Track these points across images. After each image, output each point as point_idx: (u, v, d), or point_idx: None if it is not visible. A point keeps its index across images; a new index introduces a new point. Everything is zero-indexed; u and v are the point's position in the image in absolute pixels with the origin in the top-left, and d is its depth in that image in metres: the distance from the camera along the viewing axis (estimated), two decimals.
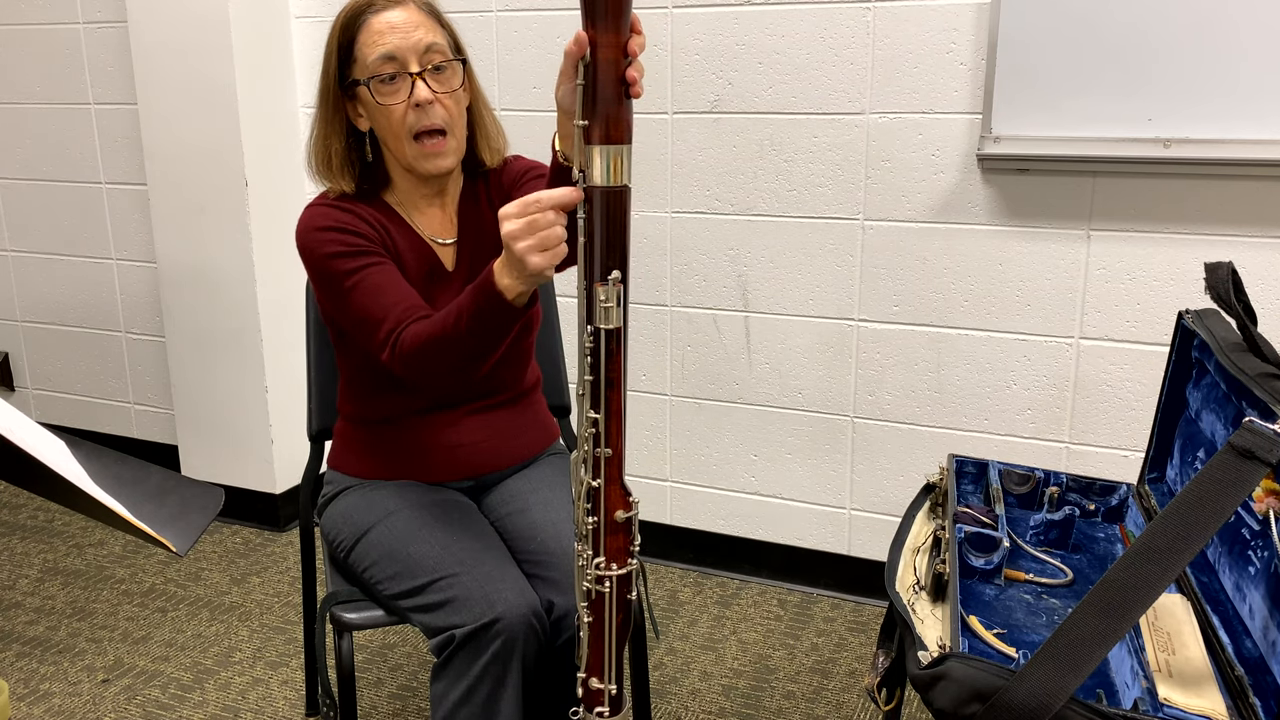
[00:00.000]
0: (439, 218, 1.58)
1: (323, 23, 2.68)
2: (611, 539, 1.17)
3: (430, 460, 1.59)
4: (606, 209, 1.08)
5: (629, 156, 1.09)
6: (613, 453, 1.15)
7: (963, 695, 1.02)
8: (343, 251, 1.45)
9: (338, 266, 1.45)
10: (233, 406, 2.81)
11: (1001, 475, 1.59)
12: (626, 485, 1.17)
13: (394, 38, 1.42)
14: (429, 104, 1.44)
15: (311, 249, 1.47)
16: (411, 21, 1.44)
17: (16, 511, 3.03)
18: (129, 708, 2.09)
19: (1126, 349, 2.14)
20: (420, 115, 1.44)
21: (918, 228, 2.24)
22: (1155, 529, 0.99)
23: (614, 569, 1.17)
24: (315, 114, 1.53)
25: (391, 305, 1.41)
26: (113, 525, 0.95)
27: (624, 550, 1.17)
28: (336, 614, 1.50)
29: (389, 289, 1.43)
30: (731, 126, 2.35)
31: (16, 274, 3.21)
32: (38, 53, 2.97)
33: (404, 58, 1.43)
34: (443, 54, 1.46)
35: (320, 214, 1.49)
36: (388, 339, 1.39)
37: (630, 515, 1.17)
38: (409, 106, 1.44)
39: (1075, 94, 2.00)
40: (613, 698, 1.21)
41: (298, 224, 1.50)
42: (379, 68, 1.43)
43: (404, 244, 1.52)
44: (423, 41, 1.43)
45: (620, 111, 1.07)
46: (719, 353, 2.48)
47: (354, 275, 1.44)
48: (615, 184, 1.08)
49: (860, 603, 2.47)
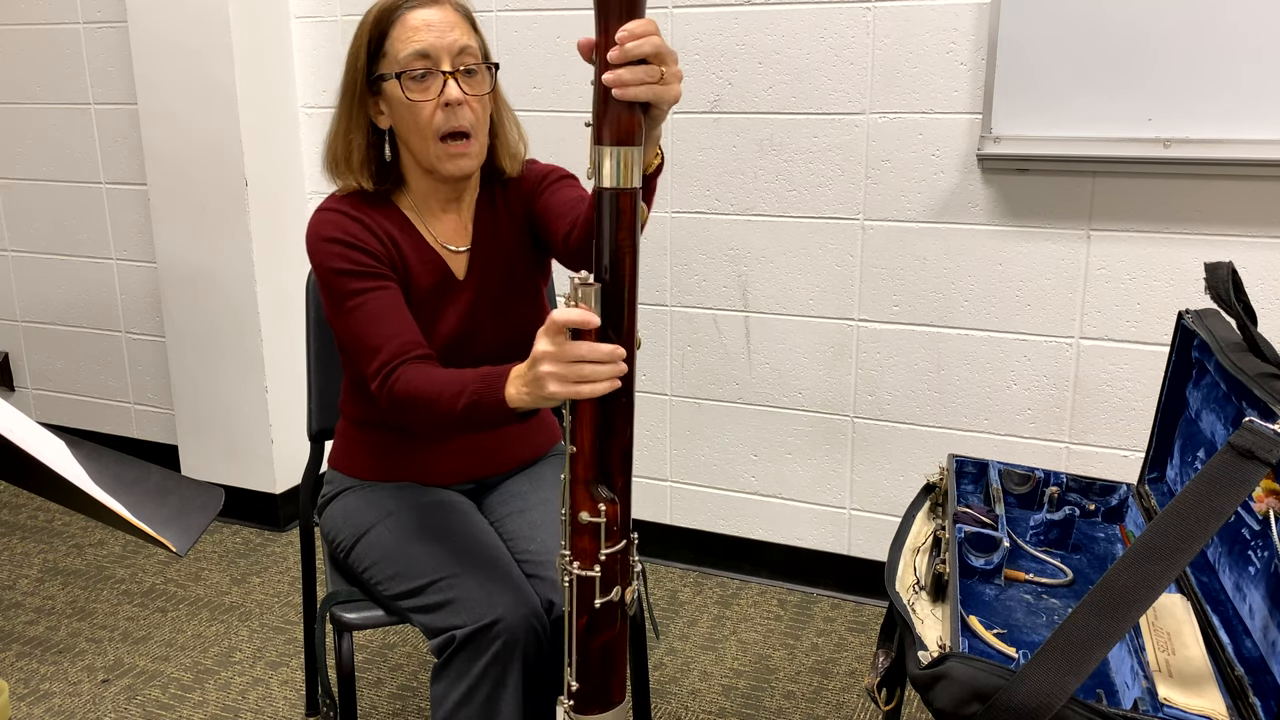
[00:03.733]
0: (453, 224, 1.55)
1: (323, 23, 2.69)
2: (577, 538, 1.16)
3: (432, 462, 1.59)
4: (615, 210, 1.08)
5: (639, 158, 1.08)
6: (577, 450, 1.14)
7: (963, 695, 1.02)
8: (348, 270, 1.43)
9: (342, 285, 1.43)
10: (233, 406, 2.81)
11: (1001, 475, 1.59)
12: (600, 490, 1.15)
13: (429, 35, 1.41)
14: (459, 105, 1.42)
15: (319, 258, 1.45)
16: (448, 21, 1.42)
17: (16, 511, 3.03)
18: (129, 708, 2.09)
19: (1126, 349, 2.14)
20: (449, 116, 1.42)
21: (918, 228, 2.24)
22: (1155, 529, 0.99)
23: (574, 568, 1.16)
24: (337, 109, 1.51)
25: (389, 337, 1.39)
26: (113, 525, 0.95)
27: (589, 554, 1.15)
28: (336, 614, 1.50)
29: (388, 318, 1.41)
30: (731, 126, 2.35)
31: (16, 274, 3.21)
32: (38, 53, 2.97)
33: (438, 56, 1.41)
34: (475, 57, 1.44)
35: (330, 223, 1.46)
36: (380, 372, 1.38)
37: (594, 521, 1.14)
38: (438, 105, 1.42)
39: (1075, 94, 2.00)
40: (574, 692, 1.20)
41: (308, 226, 1.48)
42: (411, 63, 1.41)
43: (413, 255, 1.50)
44: (458, 42, 1.42)
45: (630, 112, 1.07)
46: (719, 353, 2.48)
47: (357, 297, 1.42)
48: (625, 186, 1.08)
49: (860, 603, 2.47)
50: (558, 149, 2.34)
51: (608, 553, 1.15)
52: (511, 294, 1.56)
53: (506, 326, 1.55)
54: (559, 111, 2.46)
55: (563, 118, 2.46)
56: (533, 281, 1.60)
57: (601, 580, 1.16)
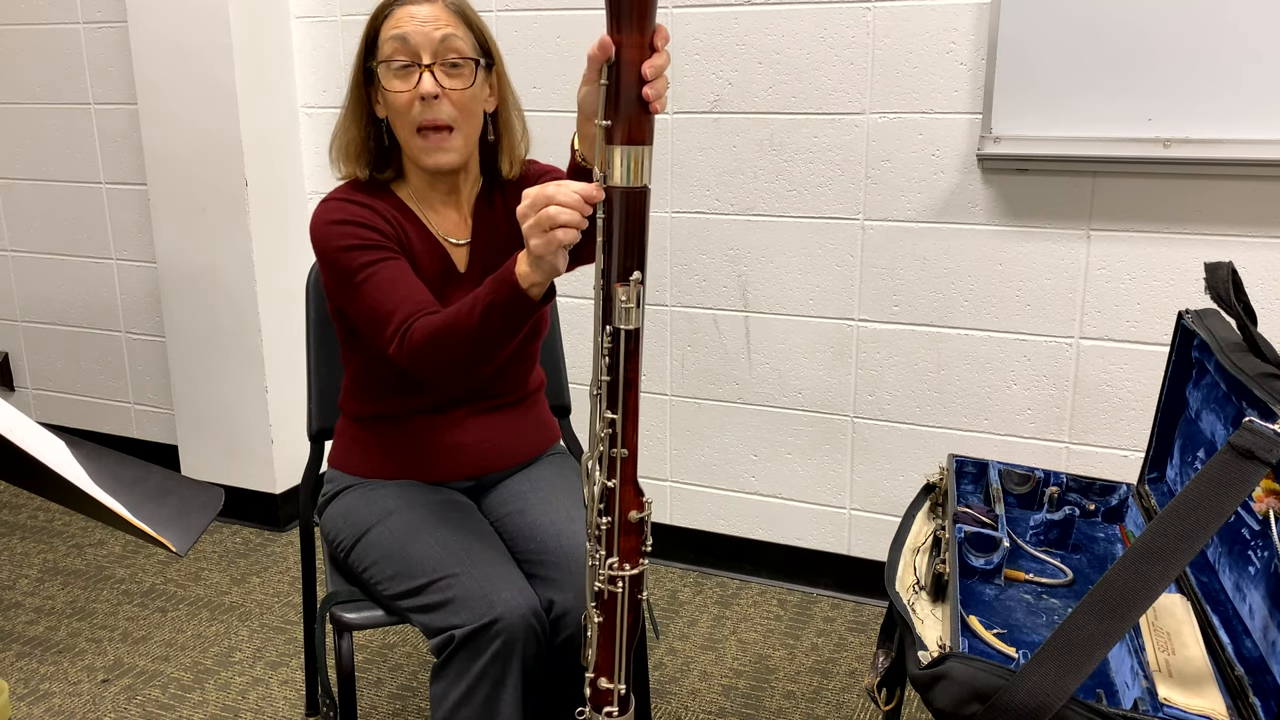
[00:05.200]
0: (453, 218, 1.57)
1: (323, 23, 2.69)
2: (625, 539, 1.17)
3: (432, 460, 1.59)
4: (626, 209, 1.09)
5: (650, 157, 1.10)
6: (629, 453, 1.15)
7: (963, 695, 1.02)
8: (356, 245, 1.45)
9: (350, 260, 1.44)
10: (233, 406, 2.81)
11: (1001, 475, 1.59)
12: (640, 485, 1.18)
13: (411, 25, 1.44)
14: (433, 98, 1.43)
15: (325, 241, 1.47)
16: (434, 17, 1.45)
17: (16, 511, 3.03)
18: (129, 708, 2.09)
19: (1126, 349, 2.14)
20: (425, 108, 1.44)
21: (918, 228, 2.24)
22: (1155, 529, 0.99)
23: (626, 569, 1.17)
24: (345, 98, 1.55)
25: (403, 299, 1.41)
26: (113, 525, 0.95)
27: (636, 550, 1.18)
28: (336, 614, 1.50)
29: (401, 283, 1.43)
30: (731, 126, 2.35)
31: (16, 274, 3.21)
32: (38, 53, 2.97)
33: (416, 47, 1.43)
34: (460, 52, 1.46)
35: (335, 207, 1.49)
36: (397, 332, 1.39)
37: (644, 516, 1.17)
38: (414, 97, 1.44)
39: (1075, 94, 2.00)
40: (621, 698, 1.21)
41: (312, 217, 1.50)
42: (391, 52, 1.44)
43: (418, 242, 1.52)
44: (440, 35, 1.44)
45: (642, 113, 1.08)
46: (719, 353, 2.48)
47: (366, 270, 1.43)
48: (636, 185, 1.08)
49: (860, 603, 2.47)
50: (558, 149, 2.33)
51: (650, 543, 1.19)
52: None
53: None
54: (559, 112, 2.46)
55: (563, 118, 2.46)
56: None
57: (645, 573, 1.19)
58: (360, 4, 2.62)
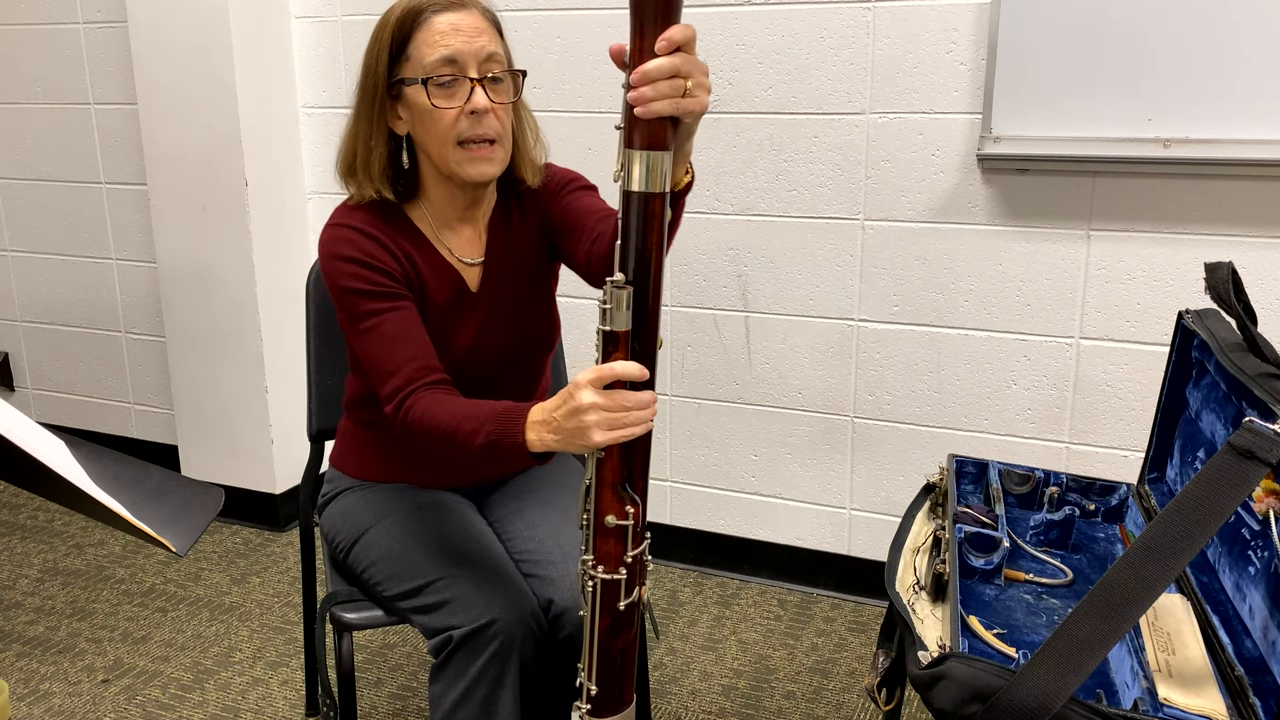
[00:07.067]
0: (468, 234, 1.51)
1: (323, 23, 2.68)
2: (601, 541, 1.16)
3: (434, 466, 1.59)
4: (643, 214, 1.08)
5: (668, 162, 1.09)
6: (606, 454, 1.14)
7: (963, 695, 1.02)
8: (364, 290, 1.40)
9: (357, 306, 1.40)
10: (233, 406, 2.81)
11: (1001, 475, 1.59)
12: (627, 492, 1.15)
13: (457, 40, 1.35)
14: (485, 113, 1.37)
15: (333, 276, 1.42)
16: (475, 27, 1.38)
17: (16, 511, 3.03)
18: (129, 708, 2.09)
19: (1126, 349, 2.14)
20: (474, 123, 1.37)
21: (918, 228, 2.24)
22: (1155, 529, 0.99)
23: (599, 572, 1.16)
24: (353, 113, 1.45)
25: (405, 360, 1.37)
26: (113, 525, 0.95)
27: (615, 557, 1.15)
28: (336, 614, 1.50)
29: (403, 341, 1.38)
30: (731, 126, 2.34)
31: (16, 274, 3.21)
32: (38, 53, 2.97)
33: (465, 62, 1.36)
34: (501, 64, 1.40)
35: (345, 240, 1.42)
36: (395, 397, 1.36)
37: (622, 524, 1.14)
38: (463, 113, 1.36)
39: (1075, 94, 2.00)
40: (592, 696, 1.20)
41: (321, 241, 1.45)
42: (437, 69, 1.35)
43: (428, 271, 1.47)
44: (485, 48, 1.37)
45: (662, 118, 1.06)
46: (719, 353, 2.48)
47: (371, 319, 1.39)
48: (653, 189, 1.08)
49: (860, 603, 2.47)
50: (559, 149, 2.34)
51: (633, 554, 1.16)
52: (524, 305, 1.55)
53: (518, 336, 1.54)
54: (559, 111, 2.46)
55: (563, 118, 2.46)
56: (544, 290, 1.58)
57: (625, 582, 1.16)
58: (360, 4, 2.62)
